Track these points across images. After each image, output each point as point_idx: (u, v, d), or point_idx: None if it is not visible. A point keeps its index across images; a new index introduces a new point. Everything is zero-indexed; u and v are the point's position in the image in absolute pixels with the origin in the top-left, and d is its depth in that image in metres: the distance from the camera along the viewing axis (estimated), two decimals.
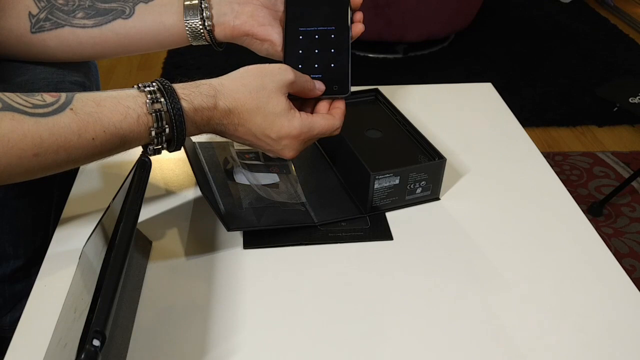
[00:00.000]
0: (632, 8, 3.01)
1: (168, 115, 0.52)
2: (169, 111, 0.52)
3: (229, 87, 0.56)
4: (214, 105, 0.55)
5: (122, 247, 0.46)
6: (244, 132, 0.58)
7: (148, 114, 0.51)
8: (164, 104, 0.52)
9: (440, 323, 0.55)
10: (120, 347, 0.50)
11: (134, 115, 0.51)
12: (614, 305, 0.58)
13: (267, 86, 0.57)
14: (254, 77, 0.57)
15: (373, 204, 0.67)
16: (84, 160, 0.50)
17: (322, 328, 0.54)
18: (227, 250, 0.63)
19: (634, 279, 0.61)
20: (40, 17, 0.64)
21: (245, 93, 0.56)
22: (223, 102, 0.55)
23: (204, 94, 0.55)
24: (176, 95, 0.52)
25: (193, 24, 0.65)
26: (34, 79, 0.67)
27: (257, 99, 0.56)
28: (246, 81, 0.57)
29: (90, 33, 0.65)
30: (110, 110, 0.50)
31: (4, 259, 0.69)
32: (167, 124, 0.52)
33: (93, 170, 0.73)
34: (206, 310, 0.56)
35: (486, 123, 0.86)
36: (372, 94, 0.82)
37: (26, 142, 0.46)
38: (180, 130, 0.53)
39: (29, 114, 0.46)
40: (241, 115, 0.56)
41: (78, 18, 0.65)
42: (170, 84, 0.53)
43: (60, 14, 0.65)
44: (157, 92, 0.52)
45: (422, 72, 2.37)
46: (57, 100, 0.48)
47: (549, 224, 0.68)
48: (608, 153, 1.92)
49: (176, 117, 0.52)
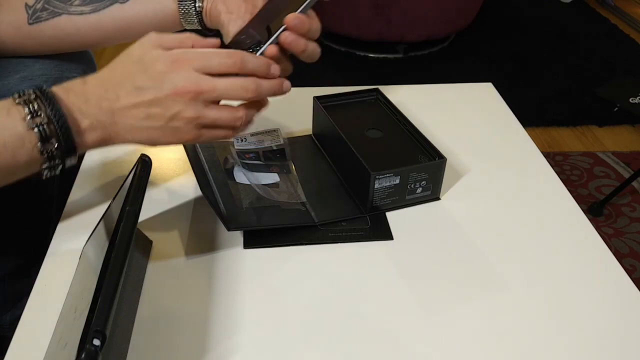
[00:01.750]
0: (632, 8, 3.01)
1: (39, 101, 0.49)
2: (38, 96, 0.49)
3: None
4: (83, 80, 0.52)
5: (123, 246, 0.46)
6: (126, 93, 0.52)
7: (17, 105, 0.49)
8: (32, 93, 0.50)
9: (441, 323, 0.55)
10: (121, 346, 0.50)
11: (3, 112, 0.48)
12: (614, 305, 0.58)
13: (127, 51, 0.54)
14: (118, 57, 0.55)
15: (373, 203, 0.67)
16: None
17: (322, 328, 0.54)
18: (227, 250, 0.63)
19: (634, 279, 0.61)
20: (37, 8, 0.65)
21: (111, 65, 0.54)
22: (91, 76, 0.53)
23: (72, 80, 0.53)
24: (43, 87, 0.51)
25: (186, 5, 0.65)
26: (32, 75, 0.67)
27: (122, 62, 0.53)
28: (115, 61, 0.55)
29: (88, 19, 0.66)
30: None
31: (4, 258, 0.69)
32: (41, 111, 0.49)
33: (93, 170, 0.73)
34: (206, 310, 0.56)
35: (486, 123, 0.86)
36: (372, 94, 0.82)
37: None
38: (55, 109, 0.49)
39: None
40: (114, 74, 0.53)
41: (75, 5, 0.65)
42: (43, 86, 0.51)
43: (56, 3, 0.65)
44: (25, 91, 0.50)
45: (423, 72, 2.37)
46: None
47: (549, 224, 0.68)
48: (608, 153, 1.92)
49: (45, 95, 0.49)
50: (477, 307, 0.57)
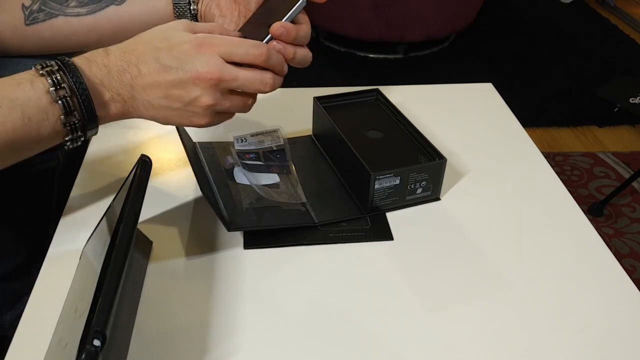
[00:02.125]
0: (632, 8, 3.01)
1: (62, 74, 0.49)
2: (61, 67, 0.49)
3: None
4: (106, 53, 0.52)
5: (123, 247, 0.46)
6: (149, 71, 0.52)
7: (40, 77, 0.49)
8: (54, 64, 0.50)
9: (441, 323, 0.55)
10: (121, 347, 0.50)
11: (26, 84, 0.49)
12: (614, 305, 0.58)
13: (157, 28, 0.54)
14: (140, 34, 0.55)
15: (373, 204, 0.67)
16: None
17: (322, 328, 0.54)
18: (227, 250, 0.63)
19: (634, 280, 0.61)
20: (33, 9, 0.65)
21: (136, 37, 0.54)
22: (114, 47, 0.53)
23: (94, 52, 0.53)
24: (66, 57, 0.51)
25: (181, 7, 0.66)
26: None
27: (148, 37, 0.53)
28: (138, 36, 0.55)
29: (84, 21, 0.66)
30: (1, 83, 0.49)
31: (4, 256, 0.69)
32: (64, 82, 0.49)
33: (93, 170, 0.73)
34: (206, 311, 0.56)
35: (486, 123, 0.86)
36: (372, 94, 0.82)
37: None
38: (78, 81, 0.49)
39: None
40: (136, 51, 0.52)
41: (71, 7, 0.66)
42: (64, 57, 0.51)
43: (53, 4, 0.65)
44: (47, 62, 0.50)
45: (423, 73, 2.37)
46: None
47: (550, 224, 0.68)
48: (608, 153, 1.92)
49: (67, 67, 0.49)
50: (477, 307, 0.57)
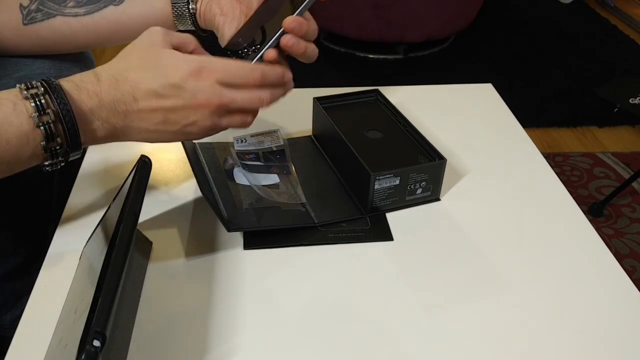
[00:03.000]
0: (632, 8, 3.01)
1: (48, 98, 0.47)
2: (48, 92, 0.47)
3: (106, 64, 0.52)
4: (96, 77, 0.50)
5: (123, 247, 0.46)
6: (144, 99, 0.51)
7: (24, 100, 0.47)
8: (41, 88, 0.47)
9: (441, 323, 0.55)
10: (121, 347, 0.50)
11: (9, 105, 0.46)
12: (614, 305, 0.58)
13: (138, 46, 0.53)
14: (125, 49, 0.53)
15: (373, 204, 0.67)
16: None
17: (322, 329, 0.54)
18: (227, 250, 0.63)
19: (634, 280, 0.61)
20: (31, 9, 0.65)
21: (122, 59, 0.52)
22: (104, 72, 0.51)
23: (82, 74, 0.51)
24: (53, 80, 0.49)
25: (179, 7, 0.66)
26: (31, 74, 0.68)
27: (137, 60, 0.52)
28: (120, 53, 0.53)
29: (82, 21, 0.66)
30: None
31: (4, 256, 0.69)
32: (50, 108, 0.47)
33: (93, 171, 0.73)
34: (206, 311, 0.56)
35: (486, 123, 0.86)
36: (372, 95, 0.82)
37: None
38: (66, 111, 0.47)
39: None
40: (130, 78, 0.50)
41: (69, 7, 0.65)
42: (51, 79, 0.49)
43: (51, 4, 0.65)
44: (33, 82, 0.48)
45: (423, 73, 2.37)
46: None
47: (550, 225, 0.68)
48: (608, 154, 1.92)
49: (56, 95, 0.47)
50: (477, 307, 0.57)
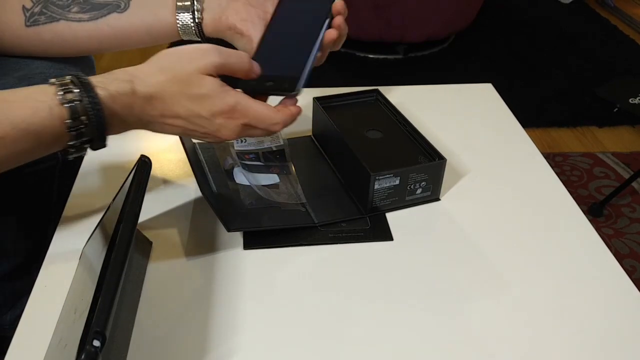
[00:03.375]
0: (632, 8, 3.01)
1: (83, 106, 0.48)
2: (83, 100, 0.48)
3: (146, 71, 0.53)
4: (132, 90, 0.51)
5: (122, 247, 0.46)
6: (173, 118, 0.53)
7: (61, 106, 0.48)
8: (77, 93, 0.48)
9: (441, 323, 0.55)
10: (121, 347, 0.50)
11: (45, 109, 0.47)
12: (614, 305, 0.58)
13: (186, 68, 0.53)
14: (171, 59, 0.54)
15: (373, 204, 0.67)
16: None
17: (322, 328, 0.54)
18: (227, 250, 0.63)
19: (634, 280, 0.61)
20: (34, 11, 0.65)
21: (164, 77, 0.53)
22: (141, 87, 0.52)
23: (119, 79, 0.51)
24: (90, 84, 0.49)
25: (184, 18, 0.65)
26: (31, 73, 0.68)
27: (178, 83, 0.53)
28: (163, 63, 0.54)
29: (86, 27, 0.66)
30: (18, 105, 0.47)
31: (4, 256, 0.69)
32: (84, 115, 0.48)
33: (93, 171, 0.73)
34: (206, 311, 0.56)
35: (486, 123, 0.86)
36: (372, 95, 0.82)
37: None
38: (100, 120, 0.49)
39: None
40: (164, 101, 0.52)
41: (73, 12, 0.65)
42: (84, 76, 0.50)
43: (55, 8, 0.65)
44: (69, 83, 0.49)
45: (423, 73, 2.37)
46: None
47: (549, 225, 0.68)
48: (608, 154, 1.92)
49: (92, 105, 0.48)
50: (477, 307, 0.57)
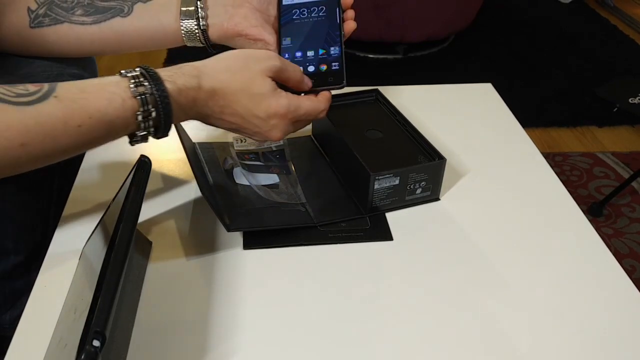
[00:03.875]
0: (632, 8, 3.01)
1: (153, 98, 0.51)
2: (154, 94, 0.51)
3: (213, 67, 0.56)
4: (198, 85, 0.54)
5: (122, 247, 0.46)
6: (231, 114, 0.57)
7: (133, 98, 0.50)
8: (148, 87, 0.51)
9: (441, 323, 0.55)
10: (120, 347, 0.50)
11: (118, 100, 0.50)
12: (614, 305, 0.58)
13: (251, 68, 0.57)
14: (238, 59, 0.57)
15: (373, 204, 0.67)
16: (72, 149, 0.50)
17: (322, 328, 0.54)
18: (227, 250, 0.63)
19: (634, 280, 0.61)
20: (39, 13, 0.65)
21: (229, 74, 0.56)
22: (207, 82, 0.55)
23: (186, 74, 0.54)
24: (159, 78, 0.52)
25: (188, 24, 0.65)
26: (33, 71, 0.68)
27: (241, 80, 0.56)
28: (230, 62, 0.57)
29: (89, 30, 0.66)
30: (94, 96, 0.49)
31: (4, 254, 0.69)
32: (153, 108, 0.51)
33: (93, 170, 0.73)
34: (206, 311, 0.56)
35: (486, 123, 0.86)
36: (372, 95, 0.82)
37: (12, 131, 0.45)
38: (167, 112, 0.52)
39: (13, 103, 0.46)
40: (226, 97, 0.56)
41: (77, 15, 0.66)
42: (152, 69, 0.53)
43: (59, 11, 0.65)
44: (140, 77, 0.51)
45: (422, 73, 2.37)
46: (40, 89, 0.48)
47: (549, 225, 0.68)
48: (608, 153, 1.92)
49: (161, 99, 0.51)
50: (477, 307, 0.57)
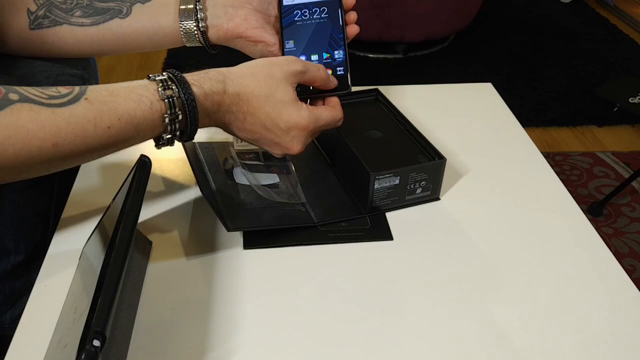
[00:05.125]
0: (632, 8, 3.01)
1: (180, 101, 0.53)
2: (181, 97, 0.52)
3: (237, 74, 0.57)
4: (223, 89, 0.56)
5: (122, 247, 0.46)
6: (253, 122, 0.58)
7: (160, 101, 0.52)
8: (175, 90, 0.52)
9: (441, 323, 0.55)
10: (121, 347, 0.50)
11: (147, 103, 0.51)
12: (614, 305, 0.58)
13: (275, 75, 0.58)
14: (262, 66, 0.59)
15: (373, 204, 0.67)
16: (100, 150, 0.51)
17: (321, 328, 0.54)
18: (227, 250, 0.63)
19: (634, 279, 0.61)
20: (38, 14, 0.65)
21: (254, 81, 0.57)
22: (232, 87, 0.56)
23: (213, 79, 0.56)
24: (186, 81, 0.53)
25: (187, 25, 0.65)
26: (33, 71, 0.68)
27: (265, 87, 0.57)
28: (254, 70, 0.58)
29: (88, 31, 0.66)
30: (123, 98, 0.51)
31: (4, 254, 0.69)
32: (180, 110, 0.53)
33: (93, 171, 0.73)
34: (206, 311, 0.56)
35: (486, 123, 0.86)
36: (372, 94, 0.82)
37: (45, 132, 0.47)
38: (193, 115, 0.53)
39: (46, 105, 0.47)
40: (250, 103, 0.57)
41: (76, 16, 0.66)
42: (179, 73, 0.55)
43: (58, 12, 0.65)
44: (167, 80, 0.53)
45: (422, 72, 2.37)
46: (71, 91, 0.49)
47: (549, 224, 0.68)
48: (608, 153, 1.92)
49: (188, 102, 0.53)
50: (477, 307, 0.57)
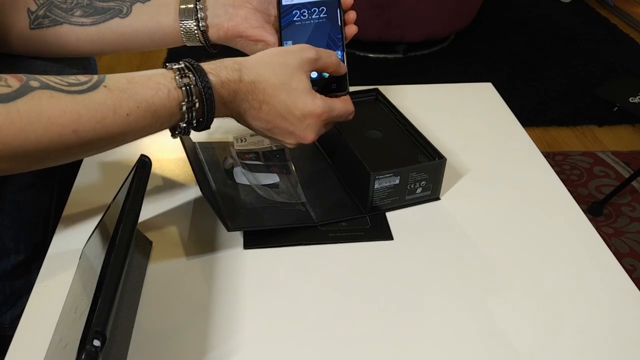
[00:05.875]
0: (632, 8, 3.01)
1: (197, 89, 0.53)
2: (198, 85, 0.53)
3: (253, 62, 0.58)
4: (239, 78, 0.56)
5: (123, 247, 0.46)
6: (268, 111, 0.58)
7: (178, 89, 0.52)
8: (193, 78, 0.53)
9: (441, 323, 0.55)
10: (121, 347, 0.50)
11: (164, 90, 0.52)
12: (614, 305, 0.58)
13: (290, 63, 0.58)
14: (276, 55, 0.59)
15: (373, 203, 0.67)
16: (120, 138, 0.52)
17: (322, 328, 0.54)
18: (227, 250, 0.63)
19: (634, 279, 0.61)
20: (39, 14, 0.65)
21: (269, 69, 0.57)
22: (248, 75, 0.56)
23: (229, 67, 0.56)
24: (203, 70, 0.54)
25: (188, 24, 0.66)
26: (34, 71, 0.68)
27: (280, 75, 0.57)
28: (269, 58, 0.58)
29: (88, 31, 0.66)
30: (141, 86, 0.51)
31: (4, 254, 0.69)
32: (197, 98, 0.53)
33: (93, 170, 0.73)
34: (206, 311, 0.56)
35: (486, 123, 0.86)
36: (372, 94, 0.82)
37: (65, 118, 0.47)
38: (210, 103, 0.54)
39: (66, 92, 0.48)
40: (266, 91, 0.57)
41: (76, 16, 0.66)
42: (196, 62, 0.55)
43: (58, 12, 0.65)
44: (184, 69, 0.53)
45: (422, 72, 2.37)
46: (90, 79, 0.50)
47: (549, 224, 0.68)
48: (608, 153, 1.92)
49: (205, 90, 0.53)
50: (477, 307, 0.57)
